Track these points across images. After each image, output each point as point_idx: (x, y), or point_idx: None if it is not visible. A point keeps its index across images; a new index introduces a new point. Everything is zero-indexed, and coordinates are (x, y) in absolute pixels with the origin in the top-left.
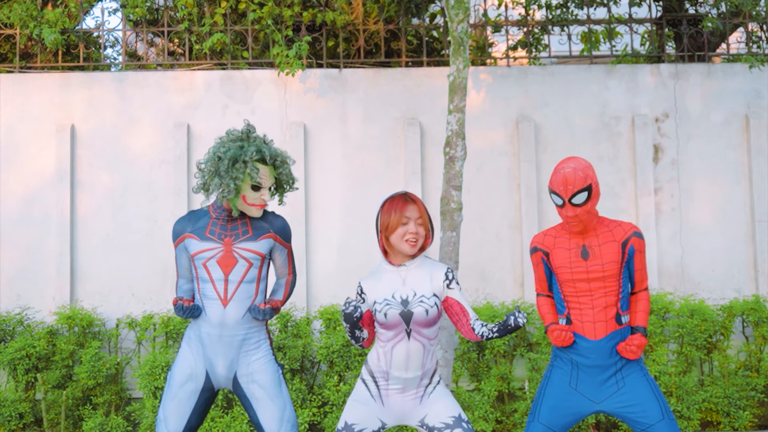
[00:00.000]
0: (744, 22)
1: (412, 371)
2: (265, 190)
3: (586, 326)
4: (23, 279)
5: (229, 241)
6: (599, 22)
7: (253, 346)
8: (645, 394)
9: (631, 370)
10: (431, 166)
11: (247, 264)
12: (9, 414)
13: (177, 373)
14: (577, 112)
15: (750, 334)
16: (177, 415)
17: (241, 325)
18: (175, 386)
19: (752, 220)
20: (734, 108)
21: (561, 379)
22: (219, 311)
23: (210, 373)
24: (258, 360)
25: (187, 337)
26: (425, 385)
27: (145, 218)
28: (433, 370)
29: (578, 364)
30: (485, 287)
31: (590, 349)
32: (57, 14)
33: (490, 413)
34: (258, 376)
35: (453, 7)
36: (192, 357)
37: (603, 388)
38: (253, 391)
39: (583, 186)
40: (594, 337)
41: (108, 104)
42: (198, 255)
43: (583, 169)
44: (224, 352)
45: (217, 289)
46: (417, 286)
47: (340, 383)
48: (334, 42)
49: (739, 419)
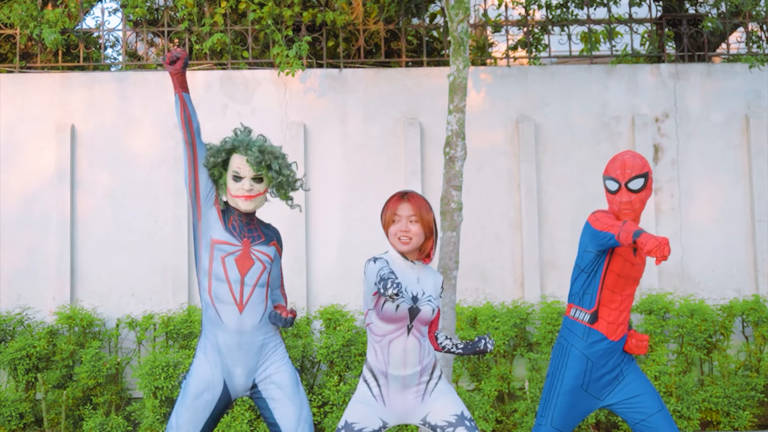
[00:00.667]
0: (744, 22)
1: (410, 368)
2: (246, 179)
3: (610, 327)
4: (23, 279)
5: (248, 242)
6: (599, 22)
7: (271, 350)
8: (643, 386)
9: (629, 364)
10: (431, 166)
11: (261, 267)
12: (9, 414)
13: (193, 383)
14: (577, 112)
15: (750, 334)
16: (191, 425)
17: (259, 331)
18: (190, 396)
19: (752, 220)
20: (734, 108)
21: (575, 381)
22: (235, 317)
23: (228, 382)
24: (275, 362)
25: (202, 346)
26: (426, 381)
27: (145, 218)
28: (433, 365)
29: (594, 364)
30: (485, 287)
31: (608, 350)
32: (57, 14)
33: (490, 413)
34: (276, 377)
35: (453, 7)
36: (209, 367)
37: (607, 385)
38: (271, 391)
39: (641, 172)
40: (615, 338)
41: (108, 104)
42: (220, 245)
43: (641, 157)
44: (244, 360)
45: (233, 291)
46: (426, 286)
47: (340, 383)
48: (334, 42)
49: (739, 419)
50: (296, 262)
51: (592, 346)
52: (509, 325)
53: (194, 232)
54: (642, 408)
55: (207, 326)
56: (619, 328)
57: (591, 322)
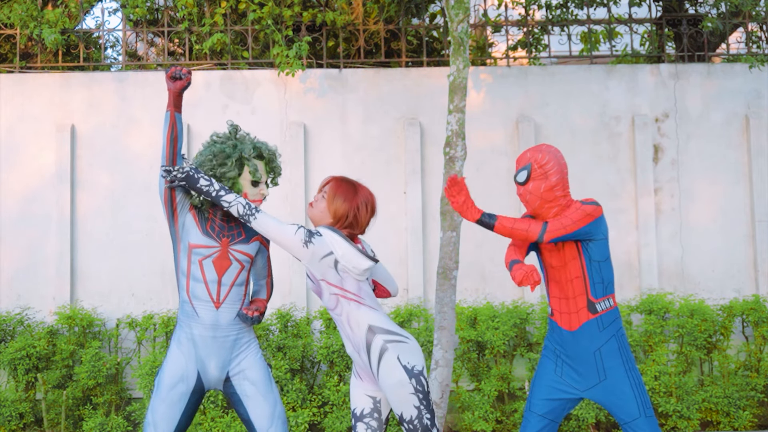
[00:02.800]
0: (744, 22)
1: (348, 347)
2: (263, 185)
3: (562, 317)
4: (23, 279)
5: (226, 242)
6: (599, 22)
7: (244, 345)
8: (624, 391)
9: (614, 363)
10: (431, 166)
11: (239, 266)
12: (9, 414)
13: (167, 375)
14: (577, 112)
15: (750, 334)
16: (167, 419)
17: (233, 326)
18: (164, 389)
19: (752, 220)
20: (734, 108)
21: (548, 367)
22: (211, 313)
23: (202, 374)
24: (248, 358)
25: (176, 338)
26: (366, 360)
27: (145, 218)
28: (367, 344)
29: (560, 354)
30: (485, 287)
31: (567, 340)
32: (57, 14)
33: (490, 413)
34: (249, 373)
35: (453, 7)
36: (183, 358)
37: (586, 378)
38: (245, 388)
39: (525, 164)
40: (568, 328)
41: (108, 104)
42: (197, 249)
43: (535, 149)
44: (218, 352)
45: (210, 291)
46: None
47: (340, 383)
48: (334, 42)
49: (739, 419)
50: (296, 262)
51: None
52: (509, 325)
53: (172, 235)
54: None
55: (182, 319)
56: (573, 316)
57: (551, 314)
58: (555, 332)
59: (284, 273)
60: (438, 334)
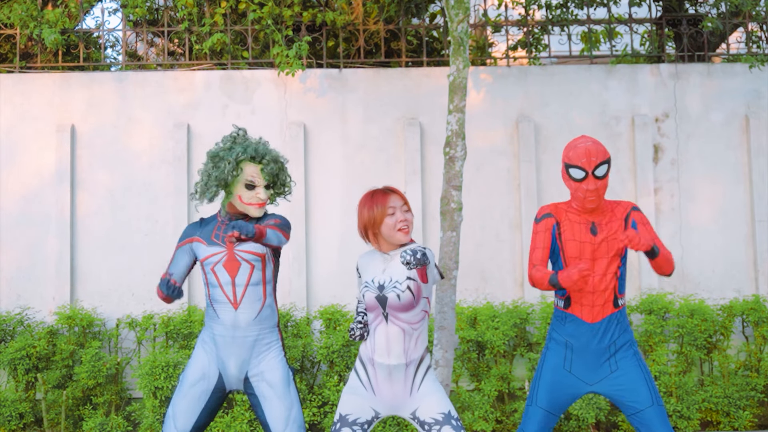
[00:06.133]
0: (744, 22)
1: (395, 358)
2: (260, 188)
3: (584, 309)
4: (23, 279)
5: (231, 245)
6: (599, 22)
7: (265, 347)
8: (637, 379)
9: (625, 354)
10: (431, 166)
11: (249, 266)
12: (9, 414)
13: (190, 372)
14: (577, 112)
15: (750, 334)
16: (186, 413)
17: (253, 326)
18: (186, 385)
19: (752, 220)
20: (734, 108)
21: (555, 362)
22: (231, 314)
23: (223, 373)
24: (269, 360)
25: (201, 339)
26: (412, 374)
27: (145, 218)
28: (420, 359)
29: (573, 347)
30: (485, 287)
31: (586, 333)
32: (57, 14)
33: (490, 413)
34: (268, 375)
35: (453, 7)
36: (206, 358)
37: (597, 371)
38: (262, 389)
39: (605, 158)
40: (591, 321)
41: (108, 104)
42: (206, 260)
43: (600, 143)
44: (237, 352)
45: (226, 292)
46: (394, 272)
47: (340, 383)
48: (334, 42)
49: (739, 419)
50: (296, 262)
51: (569, 329)
52: (509, 325)
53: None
54: (633, 402)
55: (207, 321)
56: (596, 309)
57: (565, 306)
58: (570, 324)
59: (284, 273)
60: (438, 334)
